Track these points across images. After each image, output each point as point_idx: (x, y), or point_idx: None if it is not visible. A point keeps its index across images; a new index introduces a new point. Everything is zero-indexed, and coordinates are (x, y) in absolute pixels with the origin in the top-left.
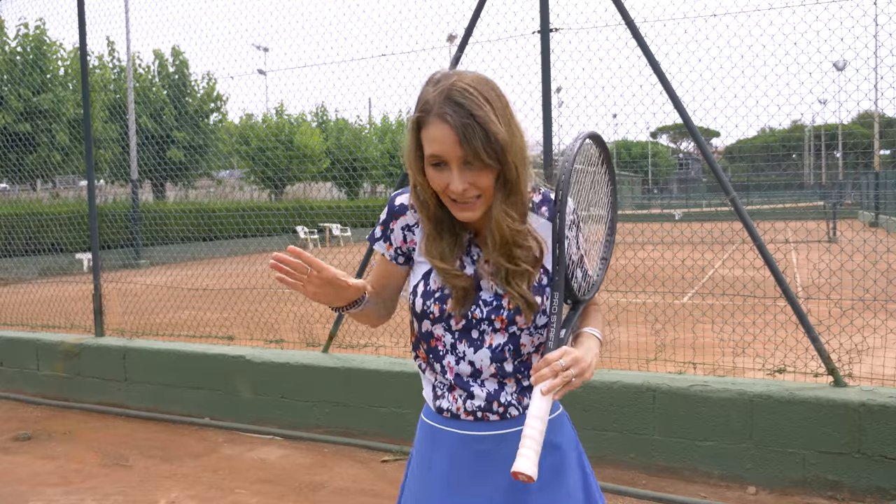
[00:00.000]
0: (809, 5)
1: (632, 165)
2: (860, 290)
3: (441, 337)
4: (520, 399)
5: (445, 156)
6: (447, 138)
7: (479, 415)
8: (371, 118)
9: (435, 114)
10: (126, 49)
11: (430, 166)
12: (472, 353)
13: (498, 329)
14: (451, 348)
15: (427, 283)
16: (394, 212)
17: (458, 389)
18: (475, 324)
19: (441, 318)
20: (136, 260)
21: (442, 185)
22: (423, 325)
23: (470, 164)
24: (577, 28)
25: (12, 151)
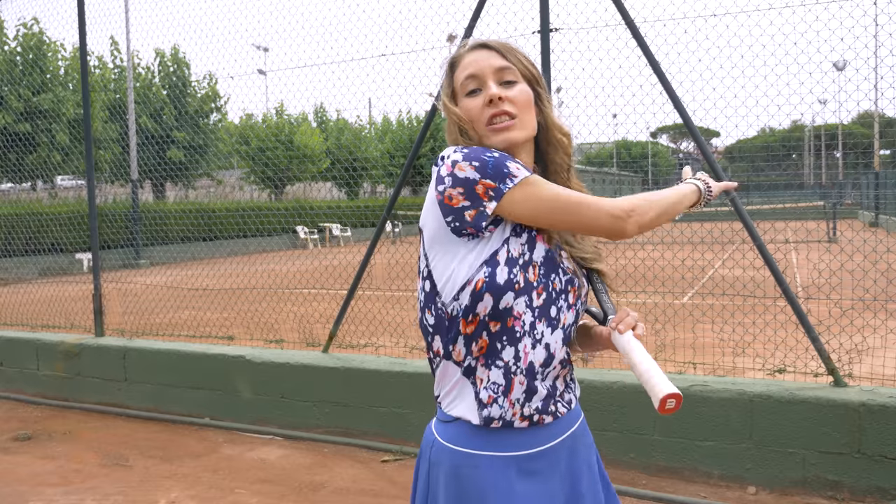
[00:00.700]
0: (809, 5)
1: (632, 165)
2: (860, 290)
3: (521, 315)
4: (563, 393)
5: (481, 70)
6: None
7: (536, 418)
8: (371, 118)
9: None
10: (126, 49)
11: (465, 97)
12: (550, 335)
13: (571, 304)
14: (531, 329)
15: (509, 250)
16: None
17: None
18: (555, 298)
19: (525, 289)
20: (136, 260)
21: (479, 105)
22: (502, 301)
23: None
24: (577, 28)
25: (12, 151)
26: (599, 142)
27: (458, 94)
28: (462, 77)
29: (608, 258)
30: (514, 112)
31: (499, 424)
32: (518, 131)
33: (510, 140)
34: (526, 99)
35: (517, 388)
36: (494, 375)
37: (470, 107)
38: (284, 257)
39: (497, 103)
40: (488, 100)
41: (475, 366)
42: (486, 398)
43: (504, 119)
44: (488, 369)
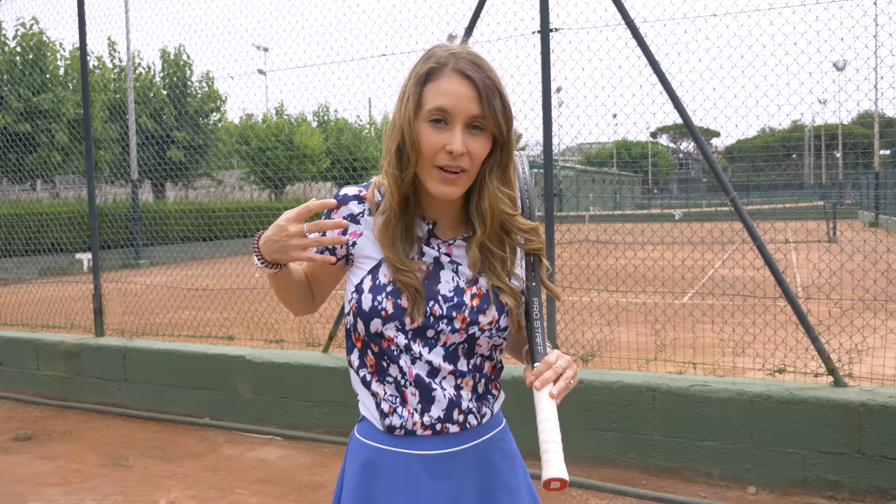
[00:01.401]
0: (809, 5)
1: (632, 165)
2: (860, 290)
3: (394, 338)
4: (478, 407)
5: (454, 110)
6: (465, 94)
7: (439, 427)
8: (371, 118)
9: (452, 68)
10: (126, 49)
11: (426, 122)
12: (428, 353)
13: (457, 329)
14: (406, 349)
15: (376, 278)
16: (337, 199)
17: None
18: (433, 322)
19: (394, 315)
20: (136, 260)
21: (436, 145)
22: (371, 326)
23: (470, 129)
24: (577, 28)
25: (12, 151)
26: (599, 142)
27: (422, 114)
28: (433, 102)
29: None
30: (466, 167)
31: (401, 432)
32: (460, 187)
33: (448, 195)
34: (482, 153)
35: (411, 399)
36: (389, 389)
37: (429, 140)
38: None
39: (457, 157)
40: (448, 149)
41: (370, 380)
42: (386, 408)
43: (455, 171)
44: (382, 384)
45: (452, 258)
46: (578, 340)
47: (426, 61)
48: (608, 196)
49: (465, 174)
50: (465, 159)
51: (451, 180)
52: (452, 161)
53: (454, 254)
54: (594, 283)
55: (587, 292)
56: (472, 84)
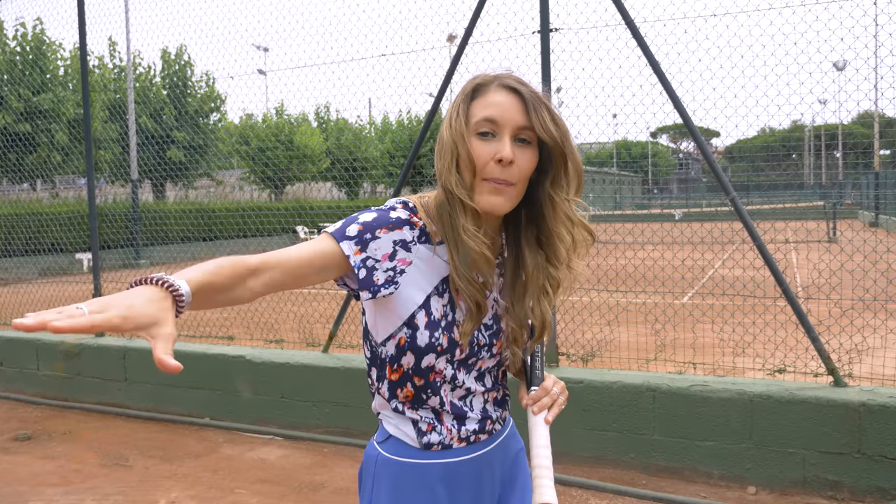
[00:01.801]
0: (809, 5)
1: (632, 165)
2: (860, 290)
3: (442, 371)
4: (501, 413)
5: (502, 120)
6: (511, 104)
7: (472, 438)
8: (371, 118)
9: (498, 84)
10: (126, 49)
11: (475, 135)
12: (469, 380)
13: (494, 354)
14: (451, 379)
15: (430, 313)
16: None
17: (450, 417)
18: (476, 351)
19: (448, 349)
20: (136, 260)
21: (486, 156)
22: (423, 361)
23: (520, 142)
24: (577, 28)
25: (12, 151)
26: (599, 142)
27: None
28: (480, 114)
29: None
30: (514, 180)
31: (438, 448)
32: (508, 201)
33: (497, 208)
34: (529, 167)
35: (447, 418)
36: (425, 413)
37: (478, 152)
38: None
39: (505, 167)
40: (498, 158)
41: (402, 409)
42: (424, 428)
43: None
44: (417, 411)
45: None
46: (578, 340)
47: (472, 81)
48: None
49: (514, 187)
50: (514, 171)
51: (500, 190)
52: (501, 172)
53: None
54: (594, 283)
55: (587, 292)
56: (518, 95)
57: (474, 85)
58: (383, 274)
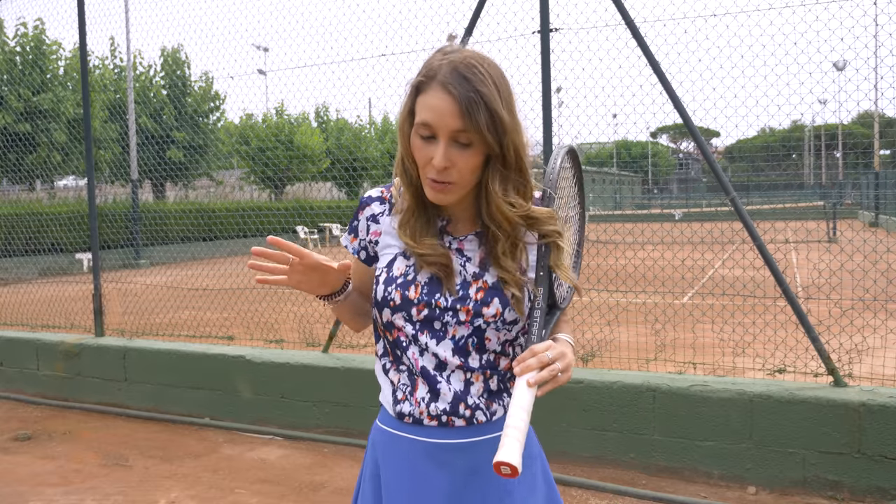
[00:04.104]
0: (809, 5)
1: (632, 165)
2: (860, 290)
3: (402, 328)
4: (488, 404)
5: (437, 125)
6: (446, 108)
7: (445, 419)
8: (371, 118)
9: (438, 81)
10: (126, 49)
11: (416, 135)
12: (435, 345)
13: (462, 321)
14: (413, 339)
15: (390, 270)
16: (362, 203)
17: (424, 388)
18: (438, 314)
19: (401, 306)
20: (136, 260)
21: (425, 157)
22: (384, 315)
23: (457, 143)
24: (577, 28)
25: (12, 151)
26: (599, 142)
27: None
28: (419, 117)
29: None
30: (454, 179)
31: (409, 420)
32: (452, 195)
33: (442, 201)
34: (472, 166)
35: (421, 388)
36: (403, 377)
37: (419, 153)
38: None
39: (441, 172)
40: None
41: (389, 367)
42: (399, 396)
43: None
44: (398, 373)
45: (464, 252)
46: (578, 340)
47: (421, 71)
48: (608, 196)
49: (455, 185)
50: (452, 172)
51: (441, 189)
52: (439, 174)
53: (466, 248)
54: (594, 283)
55: (587, 292)
56: (454, 99)
57: (419, 80)
58: (363, 250)
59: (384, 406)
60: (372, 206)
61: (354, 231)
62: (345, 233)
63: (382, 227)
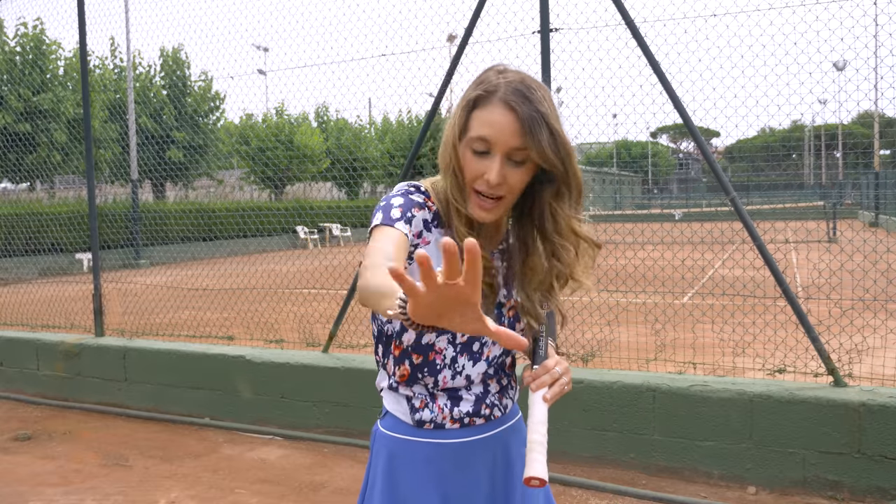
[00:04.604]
0: (809, 5)
1: (632, 165)
2: (860, 290)
3: (443, 350)
4: (500, 398)
5: (496, 141)
6: (507, 125)
7: (467, 420)
8: (371, 118)
9: (500, 98)
10: (126, 49)
11: (469, 149)
12: (471, 367)
13: None
14: (451, 362)
15: None
16: (413, 203)
17: (444, 397)
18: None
19: None
20: (136, 260)
21: (477, 172)
22: (424, 337)
23: (511, 161)
24: (577, 28)
25: (12, 151)
26: (599, 142)
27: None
28: (476, 132)
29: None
30: (503, 194)
31: (431, 426)
32: (496, 214)
33: (483, 220)
34: (521, 183)
35: (441, 399)
36: (419, 390)
37: (470, 167)
38: (284, 257)
39: (493, 187)
40: (486, 180)
41: (397, 386)
42: (418, 404)
43: (489, 201)
44: (410, 388)
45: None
46: (578, 340)
47: (477, 86)
48: (608, 196)
49: (502, 201)
50: (503, 188)
51: (487, 207)
52: (489, 189)
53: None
54: (594, 283)
55: (587, 292)
56: (517, 116)
57: (476, 95)
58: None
59: (395, 415)
60: (424, 210)
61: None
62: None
63: (432, 237)
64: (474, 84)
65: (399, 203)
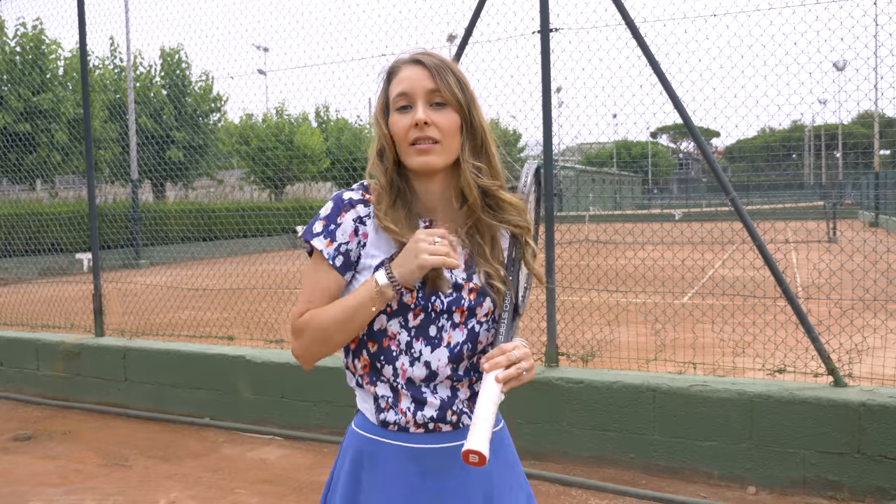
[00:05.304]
0: (809, 5)
1: (632, 165)
2: (860, 290)
3: (396, 335)
4: (470, 406)
5: (413, 90)
6: (418, 75)
7: (432, 426)
8: (371, 118)
9: (408, 60)
10: (126, 49)
11: (395, 112)
12: (430, 353)
13: (457, 324)
14: (407, 348)
15: None
16: (342, 205)
17: (408, 399)
18: (434, 318)
19: (398, 311)
20: (136, 260)
21: (405, 125)
22: (375, 323)
23: (433, 105)
24: (577, 28)
25: (12, 152)
26: (599, 142)
27: (391, 107)
28: (395, 92)
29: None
30: (437, 137)
31: (395, 428)
32: (438, 156)
33: (429, 164)
34: (451, 125)
35: (405, 400)
36: (382, 389)
37: (398, 125)
38: (284, 257)
39: (422, 127)
40: (414, 122)
41: (362, 383)
42: (382, 405)
43: (427, 142)
44: (374, 386)
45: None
46: (578, 340)
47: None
48: (608, 196)
49: (439, 145)
50: (434, 130)
51: (426, 150)
52: (421, 132)
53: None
54: (594, 283)
55: (587, 292)
56: (423, 66)
57: (388, 70)
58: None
59: (363, 413)
60: (357, 207)
61: (331, 235)
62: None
63: (369, 228)
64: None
65: (326, 213)
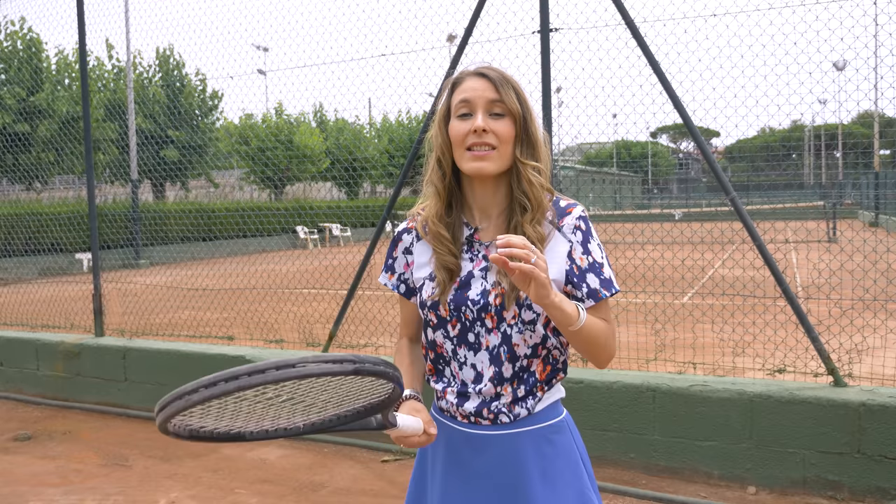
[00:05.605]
0: (809, 5)
1: (632, 165)
2: (860, 290)
3: (442, 344)
4: (511, 408)
5: (475, 99)
6: (481, 86)
7: (472, 419)
8: (371, 118)
9: (472, 72)
10: (126, 49)
11: (456, 118)
12: (473, 357)
13: (490, 329)
14: (453, 354)
15: (422, 294)
16: (396, 240)
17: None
18: (469, 326)
19: (439, 324)
20: (136, 260)
21: (464, 131)
22: (428, 335)
23: (493, 115)
24: (577, 28)
25: (11, 152)
26: (599, 142)
27: (452, 115)
28: (457, 100)
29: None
30: (494, 144)
31: (448, 414)
32: (492, 163)
33: (482, 170)
34: (507, 133)
35: (450, 395)
36: (439, 386)
37: (457, 129)
38: (284, 257)
39: (481, 134)
40: (473, 129)
41: (430, 380)
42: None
43: (483, 149)
44: (436, 384)
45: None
46: None
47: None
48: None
49: (495, 151)
50: (491, 137)
51: (481, 156)
52: (479, 139)
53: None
54: None
55: None
56: (487, 78)
57: (453, 81)
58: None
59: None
60: (403, 239)
61: (391, 269)
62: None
63: (415, 255)
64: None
65: (388, 251)
